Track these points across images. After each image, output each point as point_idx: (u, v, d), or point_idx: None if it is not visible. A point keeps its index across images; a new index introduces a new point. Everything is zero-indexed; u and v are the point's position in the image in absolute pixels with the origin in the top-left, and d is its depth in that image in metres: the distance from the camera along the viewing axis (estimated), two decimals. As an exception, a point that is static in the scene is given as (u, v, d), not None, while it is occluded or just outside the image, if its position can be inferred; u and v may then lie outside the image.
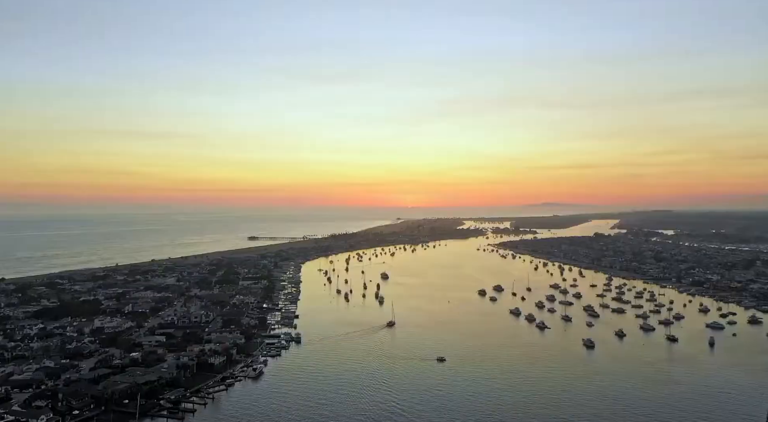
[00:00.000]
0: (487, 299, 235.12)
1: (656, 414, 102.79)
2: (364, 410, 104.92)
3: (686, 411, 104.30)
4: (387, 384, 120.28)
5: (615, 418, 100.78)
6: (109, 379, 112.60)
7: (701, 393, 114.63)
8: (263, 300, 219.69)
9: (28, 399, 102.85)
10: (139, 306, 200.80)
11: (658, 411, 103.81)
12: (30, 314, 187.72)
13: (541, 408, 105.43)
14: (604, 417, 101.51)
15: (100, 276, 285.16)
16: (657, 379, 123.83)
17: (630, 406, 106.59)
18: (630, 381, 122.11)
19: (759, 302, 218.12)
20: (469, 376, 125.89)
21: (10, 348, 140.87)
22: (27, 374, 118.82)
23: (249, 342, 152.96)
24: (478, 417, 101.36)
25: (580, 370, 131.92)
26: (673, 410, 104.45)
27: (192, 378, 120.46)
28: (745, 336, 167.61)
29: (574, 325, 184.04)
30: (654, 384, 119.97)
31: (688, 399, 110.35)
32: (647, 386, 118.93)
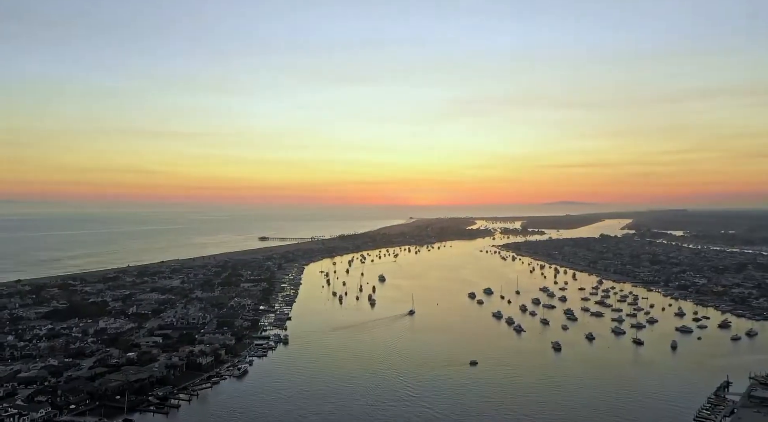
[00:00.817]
0: (475, 302, 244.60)
1: (579, 412, 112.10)
2: (335, 405, 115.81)
3: (612, 411, 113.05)
4: (357, 382, 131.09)
5: (523, 415, 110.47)
6: (104, 377, 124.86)
7: (638, 394, 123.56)
8: (260, 302, 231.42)
9: (30, 395, 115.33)
10: (142, 307, 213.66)
11: (580, 410, 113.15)
12: (41, 315, 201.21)
13: (480, 403, 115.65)
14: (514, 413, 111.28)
15: (111, 277, 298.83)
16: (601, 381, 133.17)
17: (556, 405, 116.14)
18: (572, 382, 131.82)
19: (736, 306, 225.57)
20: (423, 376, 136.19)
21: (19, 348, 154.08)
22: (33, 372, 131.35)
23: (239, 343, 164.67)
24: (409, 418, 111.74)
25: (536, 371, 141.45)
26: (597, 410, 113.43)
27: (181, 377, 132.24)
28: (709, 340, 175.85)
29: (550, 328, 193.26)
30: (594, 386, 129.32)
31: (621, 400, 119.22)
32: (586, 387, 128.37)
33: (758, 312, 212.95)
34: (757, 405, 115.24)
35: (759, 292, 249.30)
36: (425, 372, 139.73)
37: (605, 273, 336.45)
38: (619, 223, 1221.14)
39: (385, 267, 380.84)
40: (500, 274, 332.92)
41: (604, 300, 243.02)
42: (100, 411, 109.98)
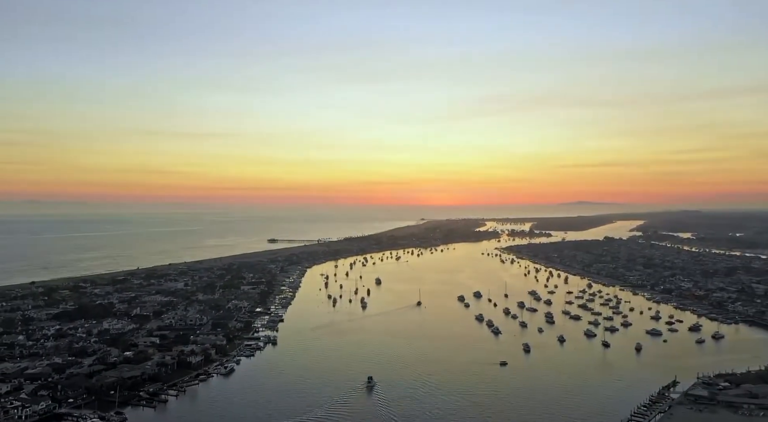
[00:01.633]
0: (463, 305, 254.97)
1: (519, 411, 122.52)
2: (309, 402, 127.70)
3: (547, 409, 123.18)
4: (336, 382, 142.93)
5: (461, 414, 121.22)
6: (101, 374, 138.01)
7: (582, 393, 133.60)
8: (257, 304, 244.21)
9: (34, 389, 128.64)
10: (145, 309, 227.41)
11: (521, 408, 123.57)
12: (51, 316, 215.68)
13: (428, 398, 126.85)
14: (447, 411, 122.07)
15: (120, 280, 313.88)
16: (551, 380, 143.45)
17: (496, 403, 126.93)
18: (525, 381, 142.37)
19: (712, 310, 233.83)
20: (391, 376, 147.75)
21: (27, 346, 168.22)
22: (38, 368, 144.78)
23: (230, 343, 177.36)
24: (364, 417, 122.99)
25: (495, 371, 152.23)
26: (534, 409, 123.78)
27: (172, 374, 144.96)
28: (674, 343, 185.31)
29: (527, 331, 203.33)
30: (543, 385, 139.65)
31: (562, 399, 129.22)
32: (537, 386, 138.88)
33: (731, 316, 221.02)
34: (692, 402, 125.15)
35: (738, 296, 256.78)
36: (387, 373, 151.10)
37: (597, 277, 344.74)
38: (631, 224, 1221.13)
39: (384, 270, 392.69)
40: (495, 278, 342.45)
41: (587, 304, 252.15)
42: (95, 405, 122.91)
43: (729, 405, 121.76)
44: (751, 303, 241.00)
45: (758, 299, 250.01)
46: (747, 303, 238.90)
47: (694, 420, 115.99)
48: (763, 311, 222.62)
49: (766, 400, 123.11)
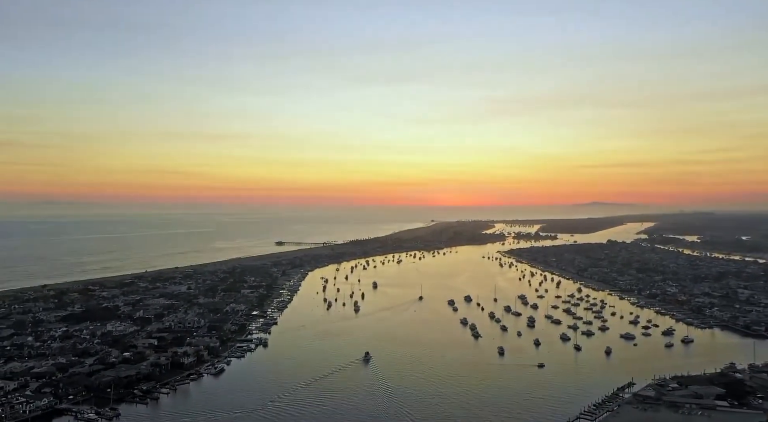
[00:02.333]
0: (451, 309, 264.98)
1: (474, 410, 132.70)
2: (287, 401, 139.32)
3: (504, 407, 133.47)
4: (317, 381, 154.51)
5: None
6: (99, 373, 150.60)
7: (540, 394, 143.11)
8: (254, 307, 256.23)
9: (38, 387, 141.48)
10: (148, 312, 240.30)
11: (475, 406, 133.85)
12: (59, 318, 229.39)
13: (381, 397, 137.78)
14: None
15: (127, 283, 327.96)
16: (519, 381, 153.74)
17: (451, 400, 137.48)
18: (490, 382, 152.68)
19: (690, 314, 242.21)
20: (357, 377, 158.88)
21: (35, 347, 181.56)
22: (44, 368, 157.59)
23: (223, 345, 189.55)
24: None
25: (463, 372, 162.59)
26: (491, 407, 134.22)
27: (165, 374, 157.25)
28: (645, 346, 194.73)
29: (507, 334, 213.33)
30: (509, 386, 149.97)
31: (521, 398, 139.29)
32: (501, 386, 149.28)
33: (706, 321, 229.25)
34: (639, 402, 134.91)
35: (719, 302, 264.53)
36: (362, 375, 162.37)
37: (589, 281, 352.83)
38: (641, 227, 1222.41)
39: (384, 273, 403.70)
40: (490, 282, 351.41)
41: (571, 308, 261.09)
42: (92, 401, 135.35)
43: (672, 405, 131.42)
44: (730, 308, 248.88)
45: (738, 304, 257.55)
46: (725, 308, 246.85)
47: (636, 419, 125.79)
48: (737, 316, 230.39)
49: (708, 401, 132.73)
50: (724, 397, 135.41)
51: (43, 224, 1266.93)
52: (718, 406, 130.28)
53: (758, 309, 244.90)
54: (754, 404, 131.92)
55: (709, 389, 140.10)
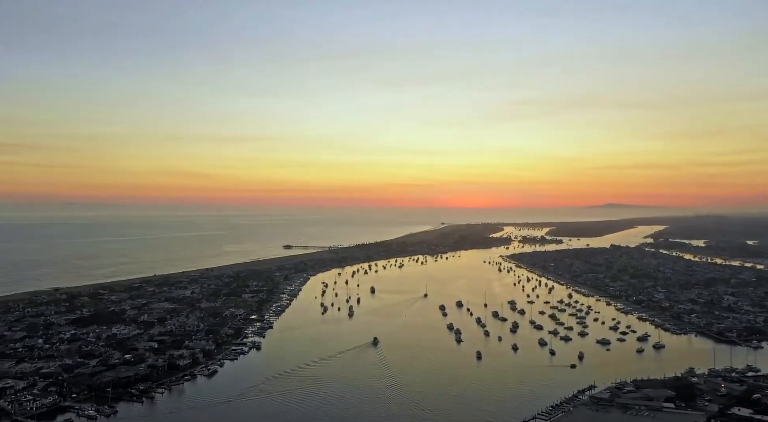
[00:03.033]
0: (441, 314, 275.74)
1: (437, 407, 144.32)
2: (275, 400, 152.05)
3: (468, 405, 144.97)
4: (301, 382, 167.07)
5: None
6: (101, 374, 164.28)
7: (504, 395, 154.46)
8: (253, 311, 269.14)
9: (45, 386, 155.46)
10: (152, 315, 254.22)
11: (440, 407, 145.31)
12: (69, 321, 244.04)
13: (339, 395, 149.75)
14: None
15: (135, 287, 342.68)
16: (487, 382, 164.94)
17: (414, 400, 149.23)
18: (460, 383, 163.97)
19: (669, 321, 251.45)
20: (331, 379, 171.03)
21: (45, 349, 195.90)
22: (51, 368, 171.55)
23: (218, 348, 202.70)
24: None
25: (437, 373, 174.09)
26: (455, 405, 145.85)
27: (162, 375, 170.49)
28: (617, 352, 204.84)
29: (488, 339, 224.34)
30: (477, 386, 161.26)
31: (482, 397, 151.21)
32: (470, 386, 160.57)
33: (683, 327, 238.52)
34: (595, 404, 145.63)
35: (701, 308, 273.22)
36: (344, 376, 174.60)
37: (581, 287, 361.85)
38: (650, 230, 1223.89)
39: (383, 278, 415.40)
40: (485, 287, 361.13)
41: (556, 314, 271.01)
42: (93, 400, 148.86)
43: (623, 407, 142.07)
44: (709, 314, 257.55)
45: (718, 311, 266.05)
46: (704, 315, 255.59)
47: (587, 419, 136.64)
48: (712, 322, 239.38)
49: (656, 403, 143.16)
50: (673, 399, 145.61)
51: (62, 226, 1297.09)
52: (664, 408, 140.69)
53: (736, 316, 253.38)
54: (699, 406, 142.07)
55: (661, 392, 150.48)
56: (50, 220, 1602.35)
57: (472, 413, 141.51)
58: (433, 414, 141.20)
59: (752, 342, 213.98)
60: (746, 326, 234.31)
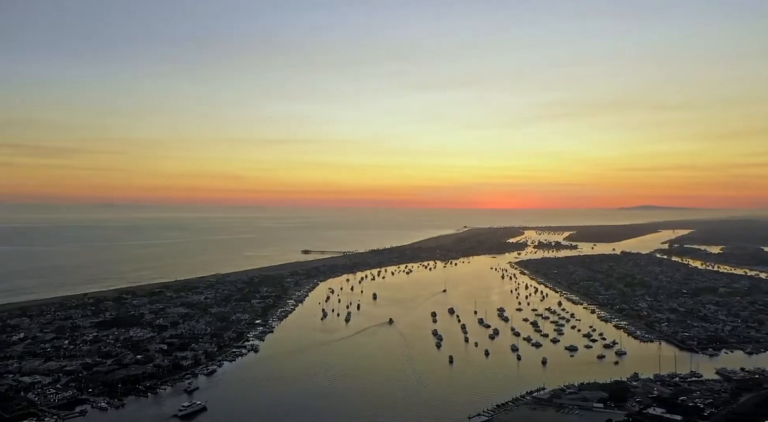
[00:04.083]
0: (431, 321, 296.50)
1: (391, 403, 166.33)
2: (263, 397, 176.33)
3: (425, 402, 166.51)
4: (301, 383, 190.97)
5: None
6: (114, 372, 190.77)
7: (459, 395, 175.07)
8: (257, 316, 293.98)
9: (67, 381, 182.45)
10: (166, 319, 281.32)
11: (396, 405, 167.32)
12: (93, 324, 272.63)
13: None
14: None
15: (156, 292, 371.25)
16: (450, 384, 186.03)
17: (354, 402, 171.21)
18: (424, 384, 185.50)
19: (643, 328, 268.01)
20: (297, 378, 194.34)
21: (69, 349, 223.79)
22: (73, 366, 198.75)
23: (220, 350, 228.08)
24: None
25: (407, 374, 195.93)
26: (401, 402, 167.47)
27: (167, 373, 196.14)
28: (580, 357, 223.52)
29: (467, 345, 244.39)
30: (439, 387, 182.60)
31: (438, 396, 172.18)
32: (433, 387, 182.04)
33: (651, 335, 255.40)
34: (535, 403, 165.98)
35: (677, 317, 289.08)
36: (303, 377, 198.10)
37: (574, 295, 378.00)
38: (674, 234, 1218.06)
39: (388, 284, 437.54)
40: (483, 295, 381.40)
41: (538, 321, 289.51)
42: (106, 394, 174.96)
43: (558, 406, 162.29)
44: (681, 323, 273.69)
45: (690, 320, 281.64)
46: (676, 324, 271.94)
47: (523, 416, 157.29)
48: (678, 331, 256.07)
49: (589, 403, 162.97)
50: (606, 400, 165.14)
51: (101, 229, 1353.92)
52: (594, 407, 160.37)
53: (705, 325, 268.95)
54: (627, 406, 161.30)
55: (597, 393, 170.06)
56: (90, 223, 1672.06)
57: (421, 410, 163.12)
58: (387, 411, 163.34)
59: (708, 350, 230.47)
60: (710, 335, 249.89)
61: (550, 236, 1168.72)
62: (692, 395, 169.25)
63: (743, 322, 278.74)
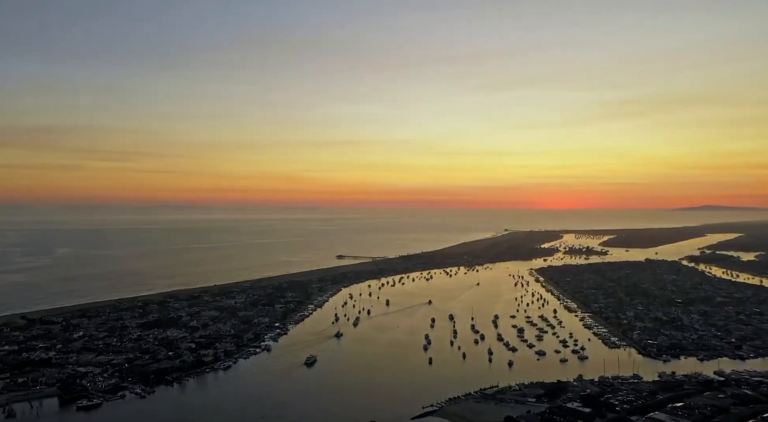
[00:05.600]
0: (429, 325, 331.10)
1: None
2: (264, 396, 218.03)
3: (388, 397, 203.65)
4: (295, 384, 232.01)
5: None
6: (150, 365, 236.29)
7: (421, 391, 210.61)
8: (277, 320, 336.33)
9: (112, 372, 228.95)
10: (199, 322, 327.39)
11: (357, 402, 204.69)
12: (138, 325, 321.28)
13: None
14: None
15: (195, 296, 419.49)
16: (420, 382, 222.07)
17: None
18: (395, 383, 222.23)
19: (618, 336, 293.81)
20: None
21: (117, 346, 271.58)
22: (119, 360, 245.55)
23: (238, 349, 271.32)
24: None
25: (386, 374, 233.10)
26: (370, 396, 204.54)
27: (191, 368, 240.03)
28: (546, 361, 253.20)
29: (452, 348, 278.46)
30: (408, 384, 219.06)
31: (403, 392, 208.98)
32: (398, 384, 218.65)
33: (621, 342, 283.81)
34: (480, 398, 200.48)
35: (653, 325, 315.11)
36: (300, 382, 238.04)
37: (572, 303, 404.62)
38: (723, 238, 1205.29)
39: (407, 291, 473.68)
40: (488, 302, 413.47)
41: (525, 328, 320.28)
42: (141, 382, 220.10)
43: (499, 400, 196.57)
44: (654, 331, 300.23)
45: (664, 329, 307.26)
46: (648, 332, 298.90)
47: (467, 408, 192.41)
48: (644, 339, 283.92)
49: (524, 398, 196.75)
50: (541, 396, 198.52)
51: (157, 231, 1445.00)
52: (527, 401, 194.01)
53: (675, 334, 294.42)
54: (556, 401, 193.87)
55: (535, 390, 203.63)
56: (150, 224, 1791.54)
57: (383, 402, 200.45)
58: (354, 401, 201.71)
59: (663, 356, 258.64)
60: (673, 343, 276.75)
61: (587, 240, 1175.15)
62: (618, 393, 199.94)
63: (715, 331, 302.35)
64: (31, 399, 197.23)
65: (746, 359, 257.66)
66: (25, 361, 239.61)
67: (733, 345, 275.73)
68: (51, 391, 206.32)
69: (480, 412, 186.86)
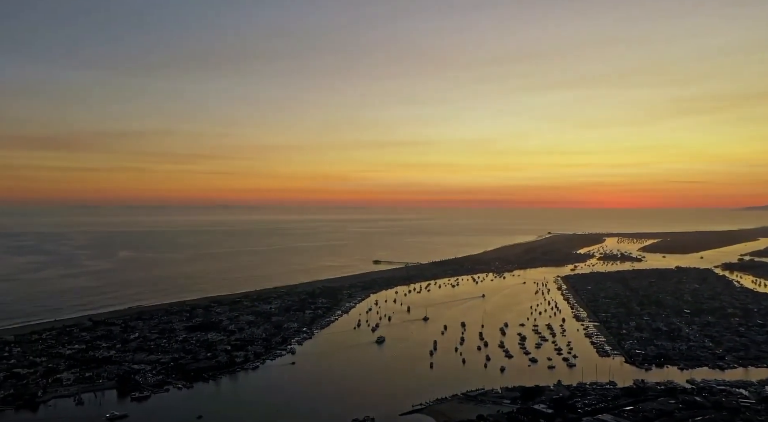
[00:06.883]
0: (439, 333, 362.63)
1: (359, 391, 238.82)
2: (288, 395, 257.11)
3: (380, 394, 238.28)
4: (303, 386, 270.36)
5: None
6: (190, 364, 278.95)
7: (410, 393, 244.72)
8: (304, 325, 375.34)
9: (159, 369, 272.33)
10: (236, 325, 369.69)
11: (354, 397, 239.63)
12: (184, 328, 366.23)
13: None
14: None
15: (236, 301, 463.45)
16: (416, 384, 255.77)
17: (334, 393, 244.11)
18: (392, 382, 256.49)
19: (613, 345, 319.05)
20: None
21: (165, 346, 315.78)
22: (165, 359, 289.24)
23: (266, 351, 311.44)
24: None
25: (388, 376, 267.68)
26: (370, 396, 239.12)
27: (224, 367, 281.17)
28: (536, 367, 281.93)
29: (453, 354, 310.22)
30: (407, 385, 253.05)
31: (399, 392, 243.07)
32: (395, 385, 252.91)
33: (615, 350, 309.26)
34: (464, 399, 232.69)
35: (649, 336, 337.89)
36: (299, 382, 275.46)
37: (584, 311, 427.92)
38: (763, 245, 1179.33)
39: (431, 297, 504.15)
40: (503, 310, 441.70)
41: (527, 336, 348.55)
42: (182, 378, 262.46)
43: (479, 401, 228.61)
44: (646, 341, 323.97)
45: (658, 339, 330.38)
46: (641, 342, 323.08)
47: (450, 407, 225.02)
48: (634, 348, 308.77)
49: (501, 400, 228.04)
50: (516, 399, 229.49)
51: (211, 234, 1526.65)
52: (504, 403, 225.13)
53: (666, 344, 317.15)
54: (529, 404, 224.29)
55: (513, 393, 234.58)
56: (207, 226, 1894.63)
57: (380, 400, 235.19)
58: (354, 398, 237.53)
59: (645, 365, 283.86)
60: (660, 352, 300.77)
61: (628, 245, 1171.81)
62: (586, 397, 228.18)
63: (708, 342, 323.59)
64: (96, 391, 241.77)
65: (726, 369, 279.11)
66: (91, 359, 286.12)
67: (717, 355, 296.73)
68: (111, 384, 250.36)
69: (460, 411, 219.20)
